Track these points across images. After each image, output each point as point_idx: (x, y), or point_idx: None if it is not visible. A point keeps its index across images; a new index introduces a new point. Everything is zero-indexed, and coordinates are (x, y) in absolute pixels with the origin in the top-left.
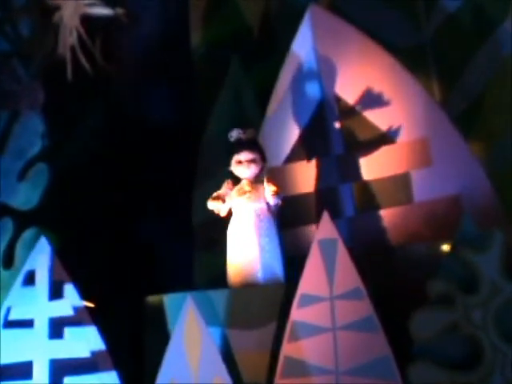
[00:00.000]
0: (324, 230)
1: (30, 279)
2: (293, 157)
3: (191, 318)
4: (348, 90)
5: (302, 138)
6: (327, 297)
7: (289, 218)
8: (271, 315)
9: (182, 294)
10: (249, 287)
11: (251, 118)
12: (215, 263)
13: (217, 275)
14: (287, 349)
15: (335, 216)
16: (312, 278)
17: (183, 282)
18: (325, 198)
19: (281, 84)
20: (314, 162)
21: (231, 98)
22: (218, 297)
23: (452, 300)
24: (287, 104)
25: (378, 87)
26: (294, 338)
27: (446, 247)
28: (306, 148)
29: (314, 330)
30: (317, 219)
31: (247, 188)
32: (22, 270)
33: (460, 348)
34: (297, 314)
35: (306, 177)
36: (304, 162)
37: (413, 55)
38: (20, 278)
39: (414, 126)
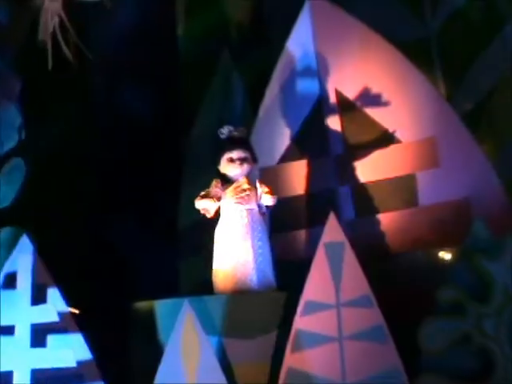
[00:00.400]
0: (330, 232)
1: (10, 282)
2: (288, 156)
3: (189, 325)
4: (348, 85)
5: (298, 137)
6: (333, 304)
7: (282, 222)
8: (272, 323)
9: (176, 300)
10: (242, 293)
11: (241, 114)
12: (202, 269)
13: (204, 281)
14: (290, 359)
15: None
16: (317, 284)
17: (167, 288)
18: (322, 201)
19: (276, 78)
20: (310, 163)
21: (220, 93)
22: (215, 303)
23: (463, 309)
24: (283, 100)
25: (381, 82)
26: (298, 347)
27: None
28: (302, 147)
29: (319, 340)
30: (313, 223)
31: (246, 186)
32: (1, 272)
33: (471, 360)
34: (301, 322)
35: (301, 178)
36: (300, 162)
37: (416, 50)
38: None
39: (420, 125)
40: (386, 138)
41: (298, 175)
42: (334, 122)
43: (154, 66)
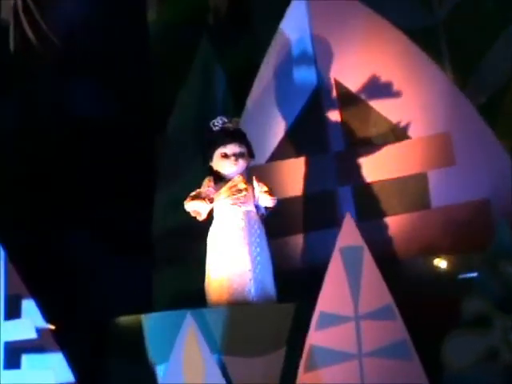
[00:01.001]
0: (347, 235)
1: None
2: (280, 154)
3: (191, 341)
4: (350, 74)
5: (292, 132)
6: (351, 316)
7: (274, 227)
8: (280, 339)
9: (167, 313)
10: (243, 305)
11: (223, 108)
12: (179, 280)
13: (182, 294)
14: (304, 379)
15: (332, 224)
16: (333, 294)
17: (140, 302)
18: (320, 203)
19: (266, 66)
20: (306, 161)
21: (198, 85)
22: (215, 316)
23: (488, 322)
24: (274, 90)
25: (387, 71)
26: (312, 366)
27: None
28: (296, 143)
29: (336, 357)
30: (309, 228)
31: (242, 186)
32: None
33: (498, 378)
34: (315, 337)
35: (295, 178)
36: (294, 160)
37: (423, 39)
38: None
39: (432, 118)
40: (393, 134)
41: (291, 175)
42: (333, 116)
43: (123, 55)
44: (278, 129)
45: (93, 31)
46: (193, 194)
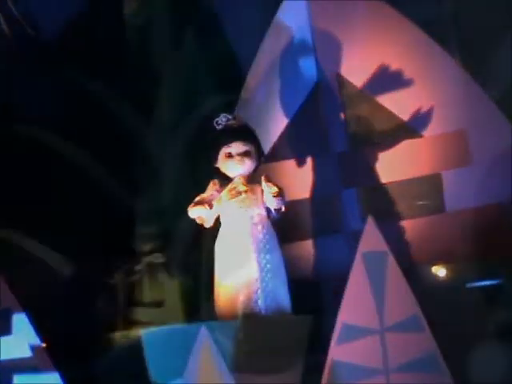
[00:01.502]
0: (369, 240)
1: None
2: (276, 155)
3: (206, 357)
4: (354, 67)
5: (290, 131)
6: (376, 329)
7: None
8: (297, 354)
9: (170, 328)
10: (253, 318)
11: (210, 104)
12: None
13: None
14: None
15: (335, 230)
16: (356, 304)
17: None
18: (321, 208)
19: (261, 59)
20: (306, 162)
21: (181, 79)
22: (226, 330)
23: None
24: (269, 87)
25: (396, 63)
26: (335, 382)
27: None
28: (294, 143)
29: (360, 373)
30: (311, 234)
31: (242, 187)
32: None
33: None
34: (337, 351)
35: (294, 180)
36: (291, 162)
37: (429, 32)
38: None
39: (446, 115)
40: (402, 132)
41: (289, 177)
42: (335, 113)
43: (98, 48)
44: (274, 128)
45: (68, 23)
46: (196, 199)
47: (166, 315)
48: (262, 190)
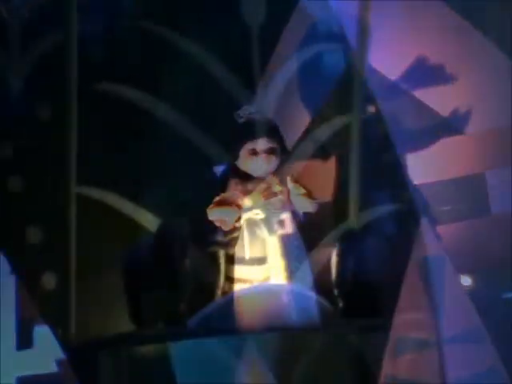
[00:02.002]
0: (425, 243)
1: None
2: (301, 152)
3: (255, 371)
4: (388, 57)
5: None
6: (433, 341)
7: None
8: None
9: (199, 341)
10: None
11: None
12: None
13: None
14: None
15: None
16: (411, 315)
17: None
18: None
19: (283, 47)
20: (330, 162)
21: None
22: (263, 344)
23: None
24: (292, 76)
25: (434, 53)
26: None
27: None
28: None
29: None
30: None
31: (277, 188)
32: None
33: None
34: (392, 366)
35: (321, 181)
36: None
37: None
38: None
39: (490, 110)
40: (442, 129)
41: (315, 178)
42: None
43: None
44: (295, 124)
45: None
46: (217, 199)
47: (267, 272)
48: (289, 192)
